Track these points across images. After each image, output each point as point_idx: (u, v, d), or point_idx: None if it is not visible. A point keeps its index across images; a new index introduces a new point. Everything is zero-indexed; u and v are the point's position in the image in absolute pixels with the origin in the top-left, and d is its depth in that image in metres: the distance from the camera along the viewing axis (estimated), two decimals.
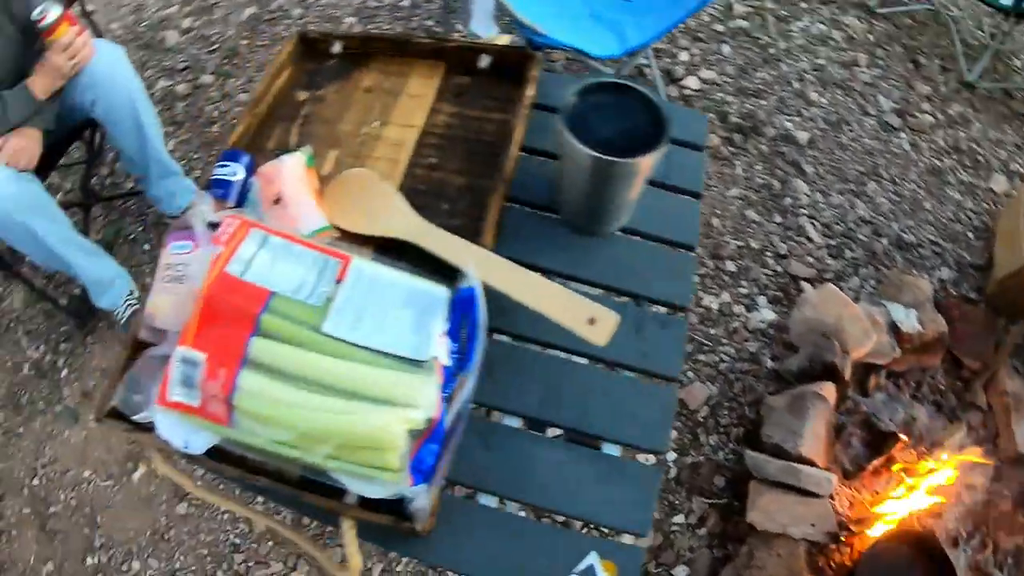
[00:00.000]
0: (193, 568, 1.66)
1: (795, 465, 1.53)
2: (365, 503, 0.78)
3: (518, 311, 0.82)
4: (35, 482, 1.87)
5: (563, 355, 0.95)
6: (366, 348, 0.75)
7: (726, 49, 2.34)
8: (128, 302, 1.88)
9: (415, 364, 0.75)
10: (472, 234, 0.88)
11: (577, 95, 0.89)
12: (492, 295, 0.81)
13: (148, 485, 1.77)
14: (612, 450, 0.90)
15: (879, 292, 1.94)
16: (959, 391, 1.76)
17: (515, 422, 0.91)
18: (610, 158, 0.85)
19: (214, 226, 0.86)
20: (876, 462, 1.65)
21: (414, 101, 1.06)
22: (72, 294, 2.05)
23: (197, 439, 0.79)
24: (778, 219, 2.01)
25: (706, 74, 2.25)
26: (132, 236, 2.14)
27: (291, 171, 0.94)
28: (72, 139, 1.91)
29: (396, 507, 0.76)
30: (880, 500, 1.56)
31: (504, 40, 1.12)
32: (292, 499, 0.80)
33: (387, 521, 0.77)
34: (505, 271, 0.84)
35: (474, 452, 0.86)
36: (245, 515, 0.94)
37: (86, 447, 1.86)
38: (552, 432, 0.94)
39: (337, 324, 0.76)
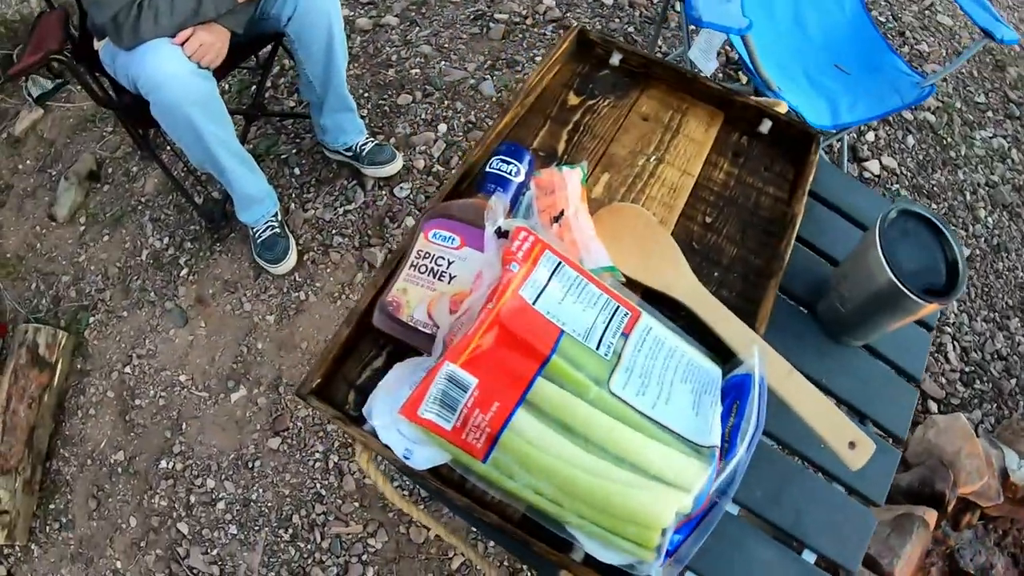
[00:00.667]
0: (270, 503, 1.64)
1: None
2: (588, 560, 0.75)
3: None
4: (127, 370, 1.85)
5: (789, 455, 0.93)
6: (648, 418, 0.73)
7: (910, 140, 2.26)
8: (269, 223, 1.86)
9: (693, 446, 0.73)
10: (743, 314, 0.83)
11: (896, 215, 0.85)
12: None
13: (245, 409, 1.75)
14: (809, 557, 0.89)
15: (997, 433, 1.90)
16: None
17: (734, 508, 0.89)
18: (911, 294, 0.81)
19: (502, 233, 0.82)
20: None
21: (693, 146, 1.01)
22: (208, 195, 2.01)
23: (421, 453, 0.73)
24: None
25: (888, 161, 2.18)
26: (284, 156, 2.10)
27: (573, 188, 0.86)
28: (255, 49, 1.88)
29: (619, 572, 0.74)
30: None
31: (783, 107, 1.07)
32: (515, 540, 0.78)
33: None
34: (781, 370, 0.80)
35: None
36: (434, 529, 0.93)
37: (189, 352, 1.84)
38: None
39: (626, 385, 0.73)
